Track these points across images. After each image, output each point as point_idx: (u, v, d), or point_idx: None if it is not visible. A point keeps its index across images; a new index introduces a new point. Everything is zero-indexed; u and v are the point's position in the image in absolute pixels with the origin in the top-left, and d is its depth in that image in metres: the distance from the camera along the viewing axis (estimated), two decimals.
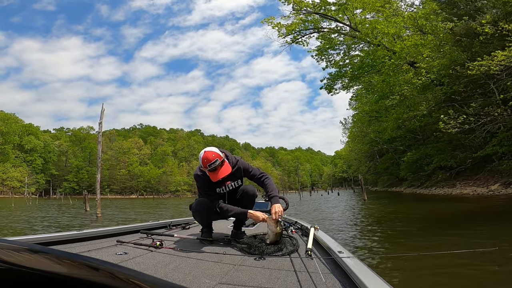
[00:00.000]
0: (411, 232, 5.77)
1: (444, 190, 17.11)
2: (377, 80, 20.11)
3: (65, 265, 0.34)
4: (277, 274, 1.45)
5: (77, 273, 0.34)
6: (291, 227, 2.85)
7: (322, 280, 1.31)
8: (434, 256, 3.31)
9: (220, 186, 2.39)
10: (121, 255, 1.77)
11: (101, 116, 10.47)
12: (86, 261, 0.34)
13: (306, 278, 1.36)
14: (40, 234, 2.36)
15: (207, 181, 2.31)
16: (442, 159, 17.85)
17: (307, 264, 1.59)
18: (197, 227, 3.15)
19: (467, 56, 13.33)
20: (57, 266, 0.35)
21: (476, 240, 4.45)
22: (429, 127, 19.85)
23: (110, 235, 2.42)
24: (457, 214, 8.35)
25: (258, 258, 1.78)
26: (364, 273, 1.19)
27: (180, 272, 1.47)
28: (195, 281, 1.33)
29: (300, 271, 1.47)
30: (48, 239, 1.96)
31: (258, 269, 1.54)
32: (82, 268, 0.34)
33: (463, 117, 10.83)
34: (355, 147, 48.00)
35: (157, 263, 1.63)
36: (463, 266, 3.10)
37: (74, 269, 0.34)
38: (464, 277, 2.88)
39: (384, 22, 17.38)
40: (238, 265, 1.63)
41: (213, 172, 2.21)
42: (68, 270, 0.34)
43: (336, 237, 5.14)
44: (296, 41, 20.59)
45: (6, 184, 59.88)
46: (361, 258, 3.56)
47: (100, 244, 2.07)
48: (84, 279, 0.33)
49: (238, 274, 1.45)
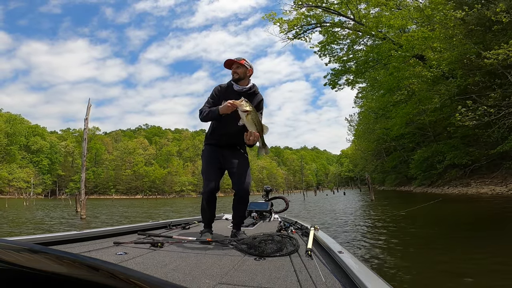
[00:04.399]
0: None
1: (458, 189, 16.11)
2: (383, 74, 19.25)
3: (66, 265, 0.35)
4: (277, 274, 1.44)
5: (77, 273, 0.34)
6: (291, 227, 2.83)
7: (322, 280, 1.31)
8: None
9: (230, 99, 2.27)
10: (121, 255, 1.76)
11: (87, 112, 9.95)
12: (86, 261, 0.35)
13: (306, 278, 1.36)
14: (40, 234, 2.31)
15: (221, 92, 2.39)
16: (456, 156, 16.91)
17: (307, 264, 1.58)
18: (197, 227, 3.16)
19: (480, 47, 12.40)
20: (58, 266, 0.35)
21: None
22: (440, 123, 18.92)
23: (110, 235, 2.40)
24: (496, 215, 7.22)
25: (258, 258, 1.77)
26: (364, 273, 1.18)
27: (180, 272, 1.47)
28: (195, 281, 1.33)
29: (300, 271, 1.47)
30: (48, 239, 1.95)
31: (258, 269, 1.54)
32: (83, 268, 0.34)
33: (484, 108, 9.88)
34: (361, 145, 47.02)
35: (157, 263, 1.62)
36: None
37: (75, 269, 0.35)
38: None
39: (389, 15, 16.52)
40: (238, 265, 1.63)
41: (230, 62, 2.36)
42: (69, 270, 0.34)
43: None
44: (298, 37, 19.89)
45: (13, 184, 60.43)
46: (361, 258, 3.40)
47: (100, 244, 2.05)
48: (85, 279, 0.34)
49: (238, 274, 1.45)
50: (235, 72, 2.35)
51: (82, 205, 10.82)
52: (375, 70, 20.31)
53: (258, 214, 3.89)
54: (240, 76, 2.35)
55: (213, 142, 2.50)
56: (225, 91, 2.38)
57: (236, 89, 2.37)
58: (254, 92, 2.43)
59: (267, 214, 3.95)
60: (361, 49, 20.06)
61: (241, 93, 2.34)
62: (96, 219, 11.17)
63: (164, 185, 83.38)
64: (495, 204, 9.50)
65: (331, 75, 20.70)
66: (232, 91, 2.37)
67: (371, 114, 32.09)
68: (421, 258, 3.57)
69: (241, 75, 2.35)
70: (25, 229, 8.42)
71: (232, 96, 2.30)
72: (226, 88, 2.41)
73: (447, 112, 16.19)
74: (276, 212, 4.13)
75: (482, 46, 12.69)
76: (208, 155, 2.47)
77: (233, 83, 2.40)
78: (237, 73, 2.35)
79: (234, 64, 2.36)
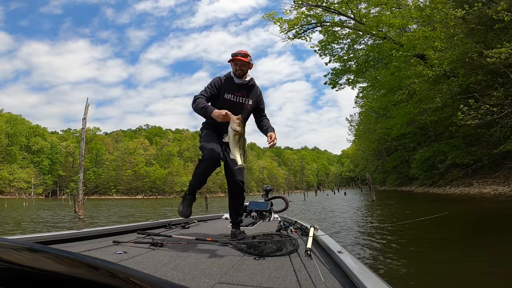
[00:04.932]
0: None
1: (460, 189, 16.00)
2: (384, 74, 19.16)
3: (65, 265, 0.35)
4: (277, 274, 1.44)
5: (76, 272, 0.34)
6: (290, 227, 2.81)
7: (322, 280, 1.31)
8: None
9: (231, 92, 2.35)
10: (121, 254, 1.76)
11: (85, 111, 9.91)
12: (85, 260, 0.34)
13: (306, 278, 1.36)
14: (39, 233, 2.34)
15: (220, 83, 2.36)
16: (458, 155, 16.79)
17: (307, 264, 1.58)
18: (196, 227, 3.15)
19: (481, 47, 12.31)
20: (57, 265, 0.35)
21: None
22: (441, 122, 18.83)
23: (110, 234, 2.39)
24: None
25: (258, 258, 1.76)
26: (363, 273, 1.18)
27: (180, 272, 1.47)
28: (195, 281, 1.33)
29: (300, 270, 1.47)
30: (48, 238, 1.94)
31: (258, 269, 1.53)
32: (82, 267, 0.34)
33: (486, 107, 9.79)
34: (362, 145, 46.91)
35: (157, 262, 1.61)
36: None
37: (74, 268, 0.34)
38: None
39: (389, 15, 16.46)
40: (237, 264, 1.63)
41: (236, 56, 2.31)
42: (68, 269, 0.34)
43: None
44: (298, 36, 19.84)
45: (13, 185, 60.48)
46: (361, 258, 3.40)
47: (100, 243, 2.04)
48: (84, 278, 0.34)
49: (238, 274, 1.45)
50: (241, 70, 2.35)
51: (80, 206, 10.76)
52: (376, 70, 20.24)
53: (258, 213, 3.87)
54: (245, 73, 2.38)
55: (213, 128, 2.42)
56: (225, 83, 2.37)
57: (237, 82, 2.37)
58: (253, 85, 2.45)
59: (267, 213, 3.94)
60: (361, 48, 20.03)
61: (242, 86, 2.37)
62: (93, 219, 11.11)
63: (165, 185, 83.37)
64: (498, 204, 9.41)
65: (332, 74, 20.66)
66: (233, 84, 2.37)
67: (372, 114, 31.99)
68: (421, 258, 3.52)
69: (246, 72, 2.39)
70: (14, 230, 8.34)
71: (234, 89, 2.35)
72: (226, 80, 2.39)
73: (449, 111, 16.10)
74: (276, 212, 4.11)
75: (483, 45, 12.60)
76: (209, 133, 2.39)
77: (233, 76, 2.39)
78: (242, 70, 2.36)
79: (243, 62, 2.33)
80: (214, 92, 2.34)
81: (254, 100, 2.44)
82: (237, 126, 2.00)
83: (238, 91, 2.36)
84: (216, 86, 2.35)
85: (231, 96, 2.35)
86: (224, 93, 2.34)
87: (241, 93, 2.38)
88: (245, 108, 2.39)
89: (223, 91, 2.34)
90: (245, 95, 2.39)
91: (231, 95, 2.35)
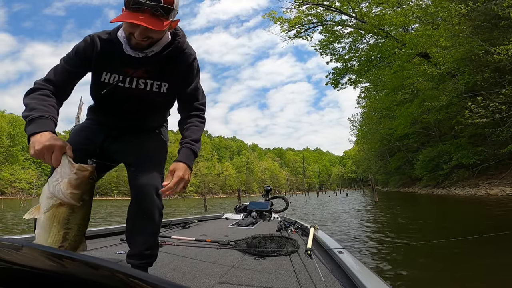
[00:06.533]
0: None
1: (466, 191, 15.62)
2: (387, 73, 18.94)
3: (65, 264, 0.34)
4: (277, 274, 1.43)
5: (76, 272, 0.34)
6: (291, 226, 2.81)
7: (322, 280, 1.31)
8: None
9: (117, 71, 1.14)
10: (121, 254, 1.74)
11: (79, 110, 9.80)
12: (85, 260, 0.34)
13: (306, 277, 1.35)
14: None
15: (94, 49, 1.12)
16: (463, 156, 16.45)
17: (307, 263, 1.58)
18: (197, 227, 3.14)
19: (487, 44, 12.04)
20: (57, 265, 0.35)
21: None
22: (445, 122, 18.54)
23: (109, 234, 2.40)
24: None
25: (258, 258, 1.77)
26: (363, 273, 1.19)
27: (180, 272, 1.46)
28: (195, 281, 1.33)
29: (300, 270, 1.47)
30: None
31: (258, 269, 1.53)
32: (82, 267, 0.34)
33: (495, 104, 9.53)
34: (364, 146, 46.63)
35: (157, 262, 1.53)
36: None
37: (74, 268, 0.34)
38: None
39: (391, 13, 16.24)
40: (237, 264, 1.62)
41: (136, 12, 0.97)
42: (68, 269, 0.34)
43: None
44: (299, 36, 19.67)
45: (15, 186, 60.66)
46: (361, 258, 3.36)
47: (100, 243, 2.04)
48: (84, 278, 0.33)
49: (238, 274, 1.44)
50: (144, 40, 1.15)
51: None
52: (378, 69, 19.99)
53: (258, 213, 3.88)
54: (152, 44, 1.16)
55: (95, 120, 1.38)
56: (105, 53, 1.18)
57: (134, 55, 1.19)
58: (174, 53, 1.25)
59: (267, 213, 3.94)
60: (363, 47, 19.83)
61: (146, 59, 1.19)
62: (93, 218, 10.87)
63: None
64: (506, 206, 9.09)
65: (333, 74, 20.45)
66: (123, 56, 1.20)
67: (374, 114, 31.74)
68: (421, 258, 3.42)
69: (155, 43, 1.17)
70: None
71: (124, 64, 1.18)
72: (107, 45, 1.18)
73: (454, 110, 15.81)
74: (276, 212, 4.12)
75: (489, 43, 12.33)
76: (83, 128, 1.36)
77: (125, 42, 1.17)
78: (148, 40, 1.16)
79: (152, 30, 1.03)
80: (77, 69, 1.15)
81: (176, 81, 1.21)
82: (69, 188, 0.88)
83: (134, 67, 1.15)
84: (88, 55, 1.14)
85: (116, 79, 1.16)
86: (102, 71, 1.16)
87: (142, 71, 1.17)
88: (152, 101, 1.22)
89: (98, 68, 1.16)
90: (152, 74, 1.18)
91: (117, 76, 1.16)
